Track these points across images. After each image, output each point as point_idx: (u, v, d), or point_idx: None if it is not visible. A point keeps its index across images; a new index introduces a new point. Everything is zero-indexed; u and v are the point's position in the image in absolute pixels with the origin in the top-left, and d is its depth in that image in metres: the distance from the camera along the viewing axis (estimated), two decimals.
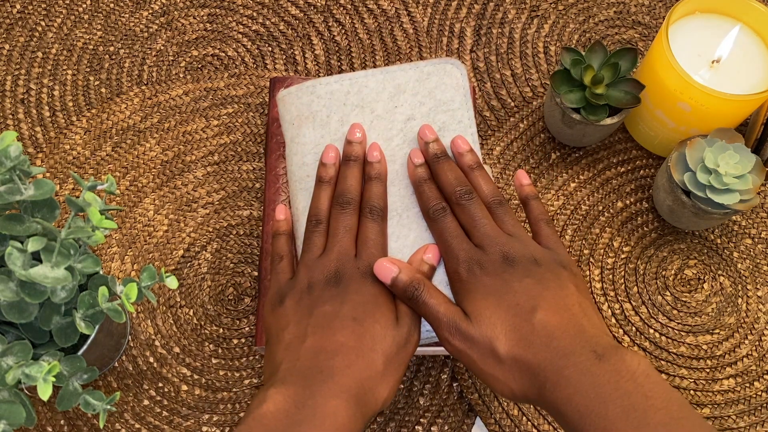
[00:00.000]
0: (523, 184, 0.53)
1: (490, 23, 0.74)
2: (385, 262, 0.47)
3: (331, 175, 0.53)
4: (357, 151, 0.53)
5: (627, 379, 0.39)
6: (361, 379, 0.42)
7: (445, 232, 0.49)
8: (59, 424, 0.57)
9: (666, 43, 0.58)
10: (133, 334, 0.60)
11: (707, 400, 0.60)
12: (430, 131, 0.53)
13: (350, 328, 0.44)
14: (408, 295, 0.46)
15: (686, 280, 0.64)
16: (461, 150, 0.53)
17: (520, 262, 0.46)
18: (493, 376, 0.43)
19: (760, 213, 0.67)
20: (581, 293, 0.45)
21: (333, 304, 0.45)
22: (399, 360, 0.45)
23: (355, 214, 0.51)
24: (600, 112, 0.61)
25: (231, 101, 0.69)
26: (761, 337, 0.62)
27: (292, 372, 0.42)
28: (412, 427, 0.58)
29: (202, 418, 0.58)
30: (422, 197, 0.51)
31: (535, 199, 0.52)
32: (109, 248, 0.63)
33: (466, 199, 0.49)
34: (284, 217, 0.54)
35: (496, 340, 0.42)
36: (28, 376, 0.40)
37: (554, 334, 0.42)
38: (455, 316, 0.44)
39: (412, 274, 0.46)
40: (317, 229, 0.50)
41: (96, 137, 0.67)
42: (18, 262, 0.40)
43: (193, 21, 0.73)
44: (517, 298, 0.44)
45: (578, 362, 0.40)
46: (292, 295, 0.47)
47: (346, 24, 0.74)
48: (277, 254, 0.52)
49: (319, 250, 0.49)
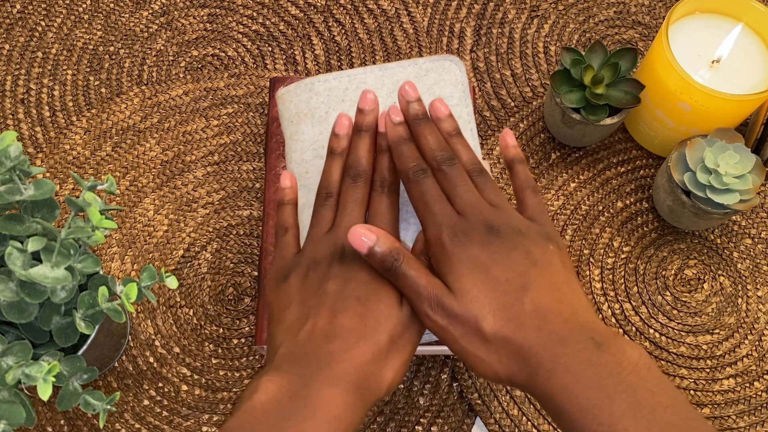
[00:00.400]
0: (508, 145, 0.50)
1: (490, 23, 0.74)
2: (360, 229, 0.42)
3: (343, 147, 0.49)
4: (369, 121, 0.50)
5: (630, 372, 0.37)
6: (362, 363, 0.40)
7: (427, 195, 0.45)
8: (59, 424, 0.57)
9: (666, 43, 0.58)
10: (133, 334, 0.60)
11: (707, 400, 0.60)
12: (413, 89, 0.49)
13: (353, 308, 0.41)
14: (386, 266, 0.42)
15: (686, 280, 0.64)
16: (440, 115, 0.49)
17: (505, 233, 0.43)
18: (475, 356, 0.40)
19: (760, 213, 0.67)
20: (567, 269, 0.43)
21: (337, 282, 0.43)
22: (404, 341, 0.42)
23: (366, 186, 0.48)
24: (600, 112, 0.61)
25: (231, 101, 0.69)
26: (761, 337, 0.62)
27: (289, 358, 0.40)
28: (412, 427, 0.58)
29: (202, 418, 0.58)
30: (401, 158, 0.47)
31: (521, 163, 0.49)
32: (109, 248, 0.63)
33: (448, 164, 0.46)
34: (290, 185, 0.51)
35: (482, 318, 0.40)
36: (28, 376, 0.40)
37: (547, 317, 0.39)
38: (438, 290, 0.41)
39: (390, 243, 0.43)
40: (327, 203, 0.48)
41: (96, 137, 0.67)
42: (18, 262, 0.40)
43: (193, 21, 0.73)
44: (506, 273, 0.41)
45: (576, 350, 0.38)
46: (296, 271, 0.45)
47: (346, 24, 0.74)
48: (281, 226, 0.49)
49: (327, 225, 0.46)
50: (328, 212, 0.47)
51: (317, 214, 0.48)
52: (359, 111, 0.50)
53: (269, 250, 0.57)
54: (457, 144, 0.48)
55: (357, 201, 0.47)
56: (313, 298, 0.43)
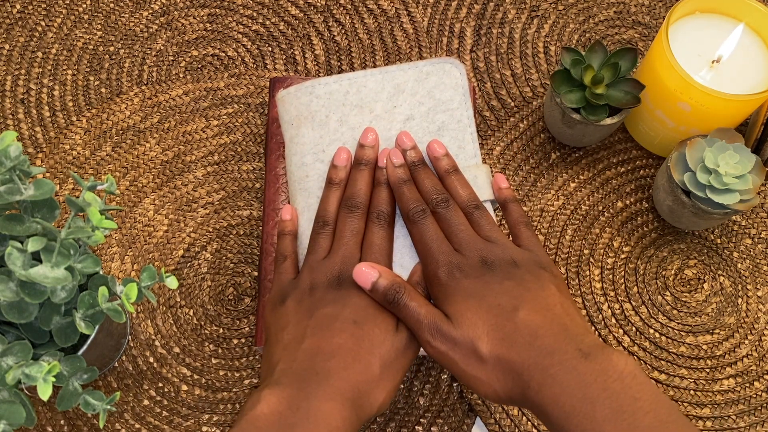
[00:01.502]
0: (501, 188, 0.53)
1: (490, 23, 0.74)
2: (364, 267, 0.46)
3: (341, 178, 0.53)
4: (369, 156, 0.53)
5: (614, 380, 0.38)
6: (357, 382, 0.42)
7: (425, 235, 0.49)
8: (59, 424, 0.57)
9: (666, 43, 0.58)
10: (133, 334, 0.60)
11: (707, 400, 0.60)
12: (408, 138, 0.53)
13: (349, 330, 0.44)
14: (389, 299, 0.45)
15: (686, 280, 0.64)
16: (437, 154, 0.53)
17: (499, 266, 0.46)
18: (475, 378, 0.43)
19: (760, 213, 0.67)
20: (562, 294, 0.45)
21: (334, 307, 0.45)
22: (397, 366, 0.44)
23: (363, 218, 0.51)
24: (600, 112, 0.61)
25: (231, 101, 0.69)
26: (761, 337, 0.62)
27: (288, 373, 0.42)
28: (412, 427, 0.58)
29: (202, 418, 0.58)
30: (402, 199, 0.51)
31: (513, 202, 0.52)
32: (109, 248, 0.63)
33: (443, 207, 0.50)
34: (290, 217, 0.54)
35: (478, 340, 0.42)
36: (28, 376, 0.40)
37: (537, 333, 0.41)
38: (436, 317, 0.44)
39: (392, 278, 0.46)
40: (323, 231, 0.50)
41: (96, 137, 0.67)
42: (18, 262, 0.40)
43: (193, 21, 0.73)
44: (499, 298, 0.44)
45: (564, 360, 0.40)
46: (293, 295, 0.47)
47: (346, 24, 0.74)
48: (281, 254, 0.52)
49: (324, 252, 0.49)
50: (324, 240, 0.50)
51: (314, 241, 0.50)
52: (360, 146, 0.54)
53: (269, 251, 0.57)
54: (454, 182, 0.52)
55: (353, 231, 0.50)
56: (309, 319, 0.45)
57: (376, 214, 0.51)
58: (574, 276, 0.63)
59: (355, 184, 0.52)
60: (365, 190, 0.52)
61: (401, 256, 0.51)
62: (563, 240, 0.65)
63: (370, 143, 0.53)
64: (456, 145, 0.55)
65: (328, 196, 0.52)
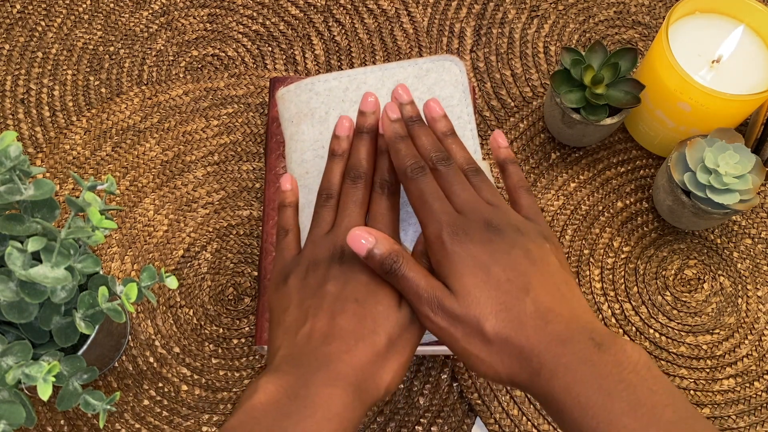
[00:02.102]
0: (500, 146, 0.50)
1: (490, 23, 0.74)
2: (359, 231, 0.42)
3: (344, 148, 0.50)
4: (370, 122, 0.50)
5: (629, 371, 0.37)
6: (360, 364, 0.40)
7: (426, 193, 0.44)
8: (59, 424, 0.57)
9: (666, 43, 0.58)
10: (133, 334, 0.60)
11: (707, 400, 0.60)
12: (405, 92, 0.49)
13: (351, 310, 0.42)
14: (385, 269, 0.42)
15: (686, 280, 0.64)
16: (435, 115, 0.50)
17: (505, 230, 0.43)
18: (477, 357, 0.40)
19: (760, 213, 0.67)
20: (565, 269, 0.43)
21: (336, 284, 0.43)
22: (403, 342, 0.42)
23: (367, 188, 0.48)
24: (600, 112, 0.61)
25: (231, 101, 0.69)
26: (761, 337, 0.62)
27: (287, 359, 0.40)
28: (412, 427, 0.58)
29: (202, 418, 0.58)
30: (398, 155, 0.47)
31: (513, 163, 0.49)
32: (109, 248, 0.63)
33: (444, 164, 0.46)
34: (290, 187, 0.51)
35: (484, 319, 0.40)
36: (28, 376, 0.40)
37: (548, 317, 0.39)
38: (438, 291, 0.41)
39: (389, 245, 0.43)
40: (327, 204, 0.48)
41: (96, 137, 0.67)
42: (18, 262, 0.40)
43: (193, 21, 0.73)
44: (507, 273, 0.41)
45: (577, 350, 0.38)
46: (296, 272, 0.45)
47: (346, 24, 0.74)
48: (282, 228, 0.49)
49: (327, 226, 0.47)
50: (328, 213, 0.47)
51: (317, 215, 0.48)
52: (360, 113, 0.50)
53: (269, 250, 0.57)
54: (452, 144, 0.49)
55: (357, 202, 0.47)
56: (311, 299, 0.43)
57: (380, 183, 0.48)
58: (574, 276, 0.63)
59: (357, 154, 0.49)
60: (368, 160, 0.49)
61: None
62: (563, 240, 0.65)
63: (371, 109, 0.50)
64: None
65: (331, 168, 0.49)
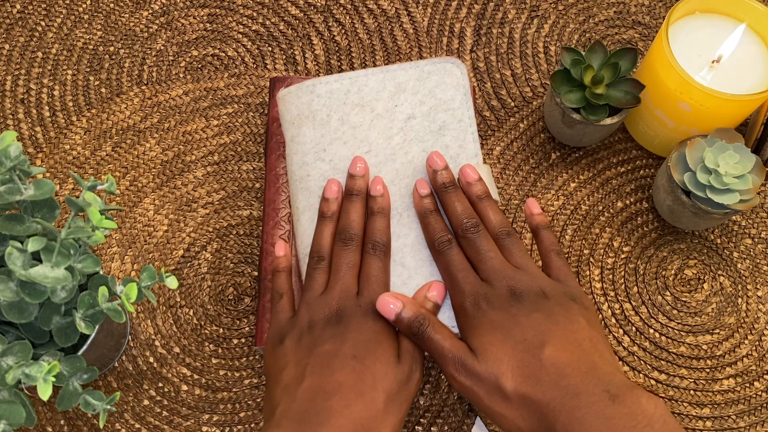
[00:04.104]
0: (533, 213, 0.52)
1: (490, 23, 0.74)
2: (388, 297, 0.46)
3: (333, 210, 0.52)
4: (359, 185, 0.52)
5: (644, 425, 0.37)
6: (361, 419, 0.41)
7: (451, 266, 0.48)
8: (59, 424, 0.57)
9: (666, 43, 0.58)
10: (133, 334, 0.60)
11: (707, 400, 0.60)
12: (440, 158, 0.52)
13: (350, 366, 0.43)
14: (413, 331, 0.45)
15: (686, 280, 0.64)
16: (470, 179, 0.52)
17: (528, 297, 0.44)
18: (500, 414, 0.41)
19: (760, 213, 0.67)
20: (592, 327, 0.44)
21: (333, 343, 0.44)
22: (401, 398, 0.43)
23: (358, 250, 0.50)
24: (600, 112, 0.61)
25: (231, 101, 0.69)
26: (761, 337, 0.62)
27: (288, 415, 0.41)
28: (412, 427, 0.58)
29: (202, 418, 0.58)
30: (428, 229, 0.50)
31: (546, 228, 0.51)
32: (109, 248, 0.63)
33: (473, 232, 0.48)
34: (284, 254, 0.53)
35: (502, 376, 0.41)
36: (28, 376, 0.40)
37: (564, 372, 0.40)
38: (460, 351, 0.43)
39: (416, 309, 0.45)
40: (319, 266, 0.49)
41: (96, 137, 0.67)
42: (18, 262, 0.40)
43: (193, 21, 0.73)
44: (525, 333, 0.42)
45: (590, 403, 0.38)
46: (292, 334, 0.46)
47: (346, 24, 0.74)
48: (276, 292, 0.51)
49: (320, 288, 0.48)
50: (320, 275, 0.49)
51: (310, 277, 0.49)
52: (350, 176, 0.53)
53: (269, 251, 0.57)
54: (486, 208, 0.50)
55: (349, 264, 0.49)
56: (308, 357, 0.44)
57: (372, 245, 0.50)
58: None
59: (348, 216, 0.51)
60: (358, 222, 0.51)
61: (402, 255, 0.51)
62: (563, 240, 0.65)
63: (360, 173, 0.52)
64: (457, 144, 0.55)
65: (321, 230, 0.51)
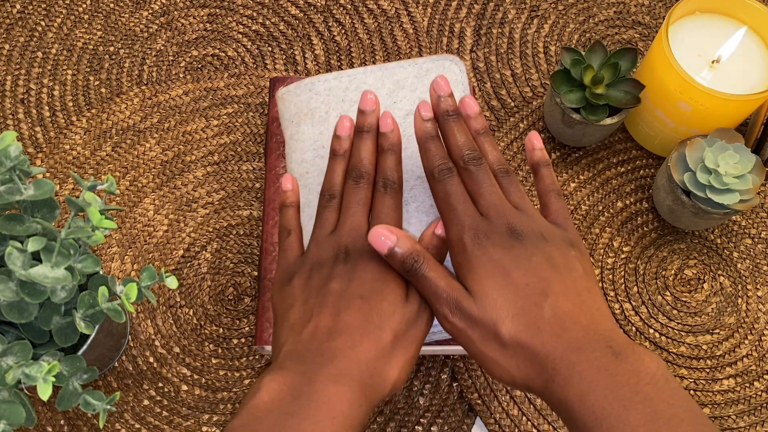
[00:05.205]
0: (535, 148, 0.49)
1: (490, 23, 0.74)
2: (381, 230, 0.43)
3: (345, 148, 0.50)
4: (370, 121, 0.50)
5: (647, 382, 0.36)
6: (366, 360, 0.39)
7: (451, 196, 0.44)
8: (59, 424, 0.57)
9: (666, 43, 0.58)
10: (133, 334, 0.60)
11: (707, 400, 0.60)
12: (445, 83, 0.48)
13: (356, 306, 0.41)
14: (406, 268, 0.43)
15: (686, 280, 0.64)
16: (470, 112, 0.49)
17: (528, 237, 0.42)
18: (492, 360, 0.40)
19: (760, 213, 0.67)
20: (589, 276, 0.43)
21: (340, 282, 0.43)
22: (409, 338, 0.42)
23: (369, 187, 0.48)
24: (600, 112, 0.61)
25: (231, 101, 0.69)
26: (761, 337, 0.62)
27: (292, 356, 0.40)
28: (412, 427, 0.58)
29: (202, 418, 0.58)
30: (428, 155, 0.47)
31: (546, 166, 0.48)
32: (109, 248, 0.63)
33: (474, 164, 0.45)
34: (291, 187, 0.51)
35: (500, 322, 0.39)
36: (28, 376, 0.40)
37: (566, 324, 0.39)
38: (457, 292, 0.41)
39: (411, 245, 0.43)
40: (330, 205, 0.48)
41: (96, 137, 0.67)
42: (18, 262, 0.40)
43: (193, 21, 0.73)
44: (527, 278, 0.41)
45: (593, 358, 0.37)
46: (301, 273, 0.45)
47: (346, 24, 0.74)
48: (284, 228, 0.49)
49: (331, 226, 0.47)
50: (331, 214, 0.47)
51: (320, 215, 0.48)
52: (360, 112, 0.50)
53: (269, 250, 0.57)
54: (485, 143, 0.48)
55: (360, 202, 0.47)
56: (316, 297, 0.43)
57: (383, 183, 0.48)
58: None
59: (358, 153, 0.49)
60: (370, 159, 0.48)
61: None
62: None
63: (371, 108, 0.50)
64: None
65: (333, 168, 0.49)
